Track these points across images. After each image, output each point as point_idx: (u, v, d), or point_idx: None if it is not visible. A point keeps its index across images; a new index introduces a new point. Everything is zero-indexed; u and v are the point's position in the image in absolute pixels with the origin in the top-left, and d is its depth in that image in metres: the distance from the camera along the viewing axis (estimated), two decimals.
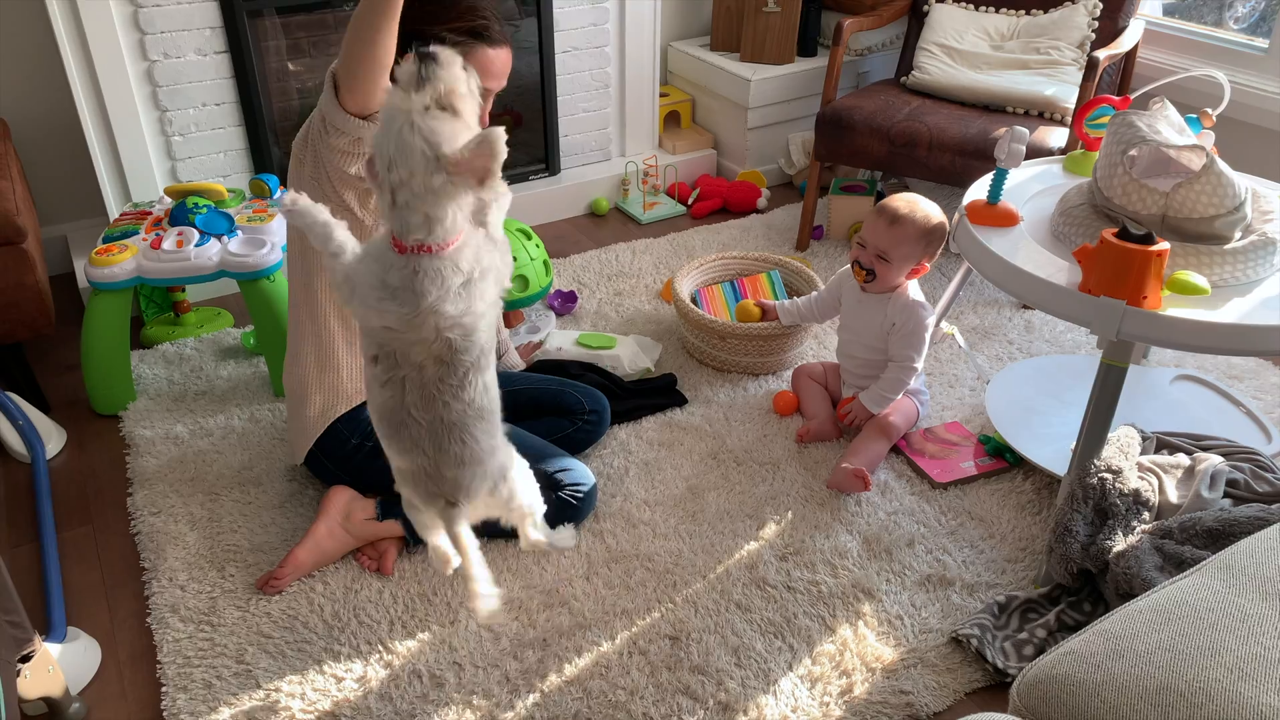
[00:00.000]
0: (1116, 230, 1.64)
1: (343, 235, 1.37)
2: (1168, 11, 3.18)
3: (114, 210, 2.72)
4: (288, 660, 1.71)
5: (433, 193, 1.25)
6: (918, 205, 2.12)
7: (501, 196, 1.37)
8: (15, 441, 2.21)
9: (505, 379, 2.16)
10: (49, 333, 2.30)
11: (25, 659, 1.51)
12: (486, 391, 1.44)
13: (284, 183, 2.59)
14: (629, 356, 2.49)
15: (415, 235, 1.27)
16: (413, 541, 1.92)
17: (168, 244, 2.27)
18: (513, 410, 2.06)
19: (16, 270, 2.18)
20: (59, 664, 1.60)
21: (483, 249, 1.34)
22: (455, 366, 1.36)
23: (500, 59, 1.78)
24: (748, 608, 1.82)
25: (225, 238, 2.32)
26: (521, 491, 1.55)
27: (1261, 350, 1.69)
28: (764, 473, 2.15)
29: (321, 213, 1.37)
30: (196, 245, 2.27)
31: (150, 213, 2.44)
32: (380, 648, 1.74)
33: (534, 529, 1.62)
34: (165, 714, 1.63)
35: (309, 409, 1.92)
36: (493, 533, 1.59)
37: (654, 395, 2.38)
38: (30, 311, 2.24)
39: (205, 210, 2.35)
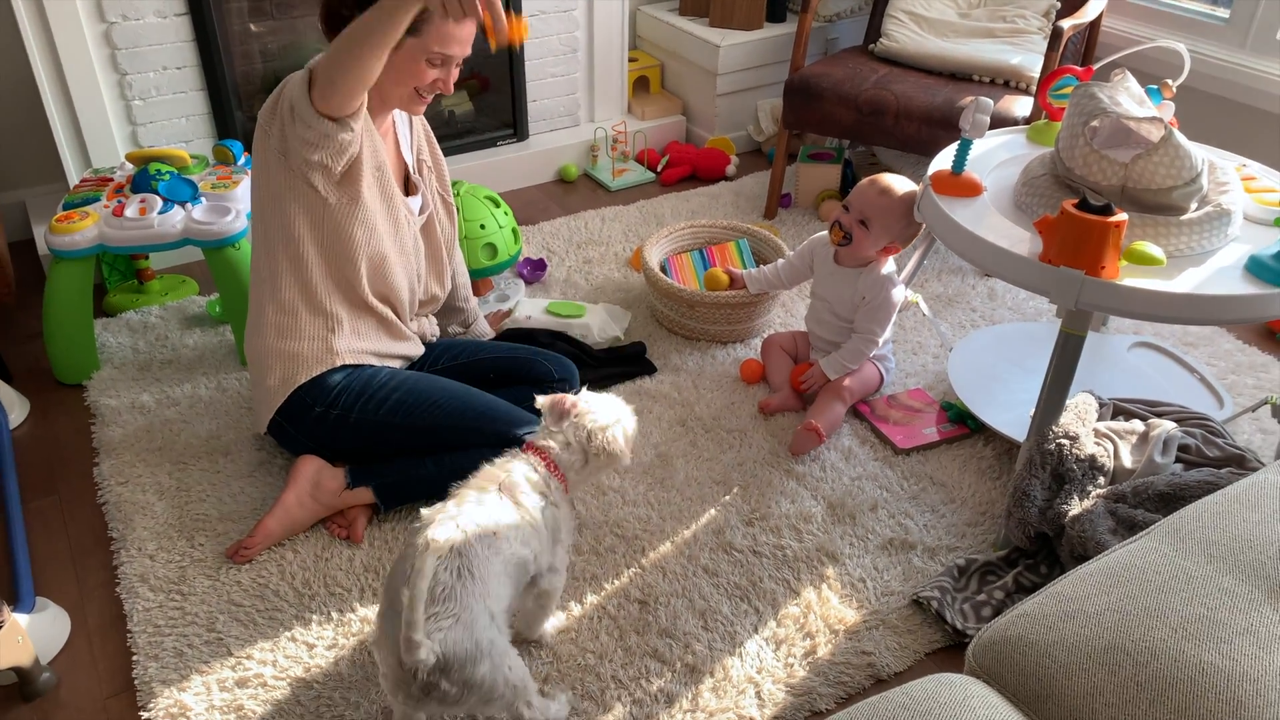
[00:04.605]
0: (1076, 201, 1.66)
1: None
2: None
3: (74, 176, 2.67)
4: (259, 628, 1.73)
5: None
6: (907, 185, 2.20)
7: None
8: None
9: (474, 347, 2.19)
10: (9, 300, 2.28)
11: None
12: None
13: (248, 149, 2.56)
14: (598, 325, 2.49)
15: None
16: (383, 509, 1.93)
17: (130, 211, 2.24)
18: (481, 379, 2.09)
19: None
20: (28, 634, 1.60)
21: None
22: None
23: (461, 27, 1.79)
24: (715, 572, 1.85)
25: (189, 205, 2.29)
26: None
27: (1213, 319, 1.73)
28: (731, 439, 2.18)
29: None
30: (160, 213, 2.24)
31: (111, 179, 2.40)
32: (351, 614, 1.75)
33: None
34: (136, 682, 1.64)
35: (270, 378, 1.91)
36: None
37: (623, 363, 2.39)
38: None
39: (168, 177, 2.32)
